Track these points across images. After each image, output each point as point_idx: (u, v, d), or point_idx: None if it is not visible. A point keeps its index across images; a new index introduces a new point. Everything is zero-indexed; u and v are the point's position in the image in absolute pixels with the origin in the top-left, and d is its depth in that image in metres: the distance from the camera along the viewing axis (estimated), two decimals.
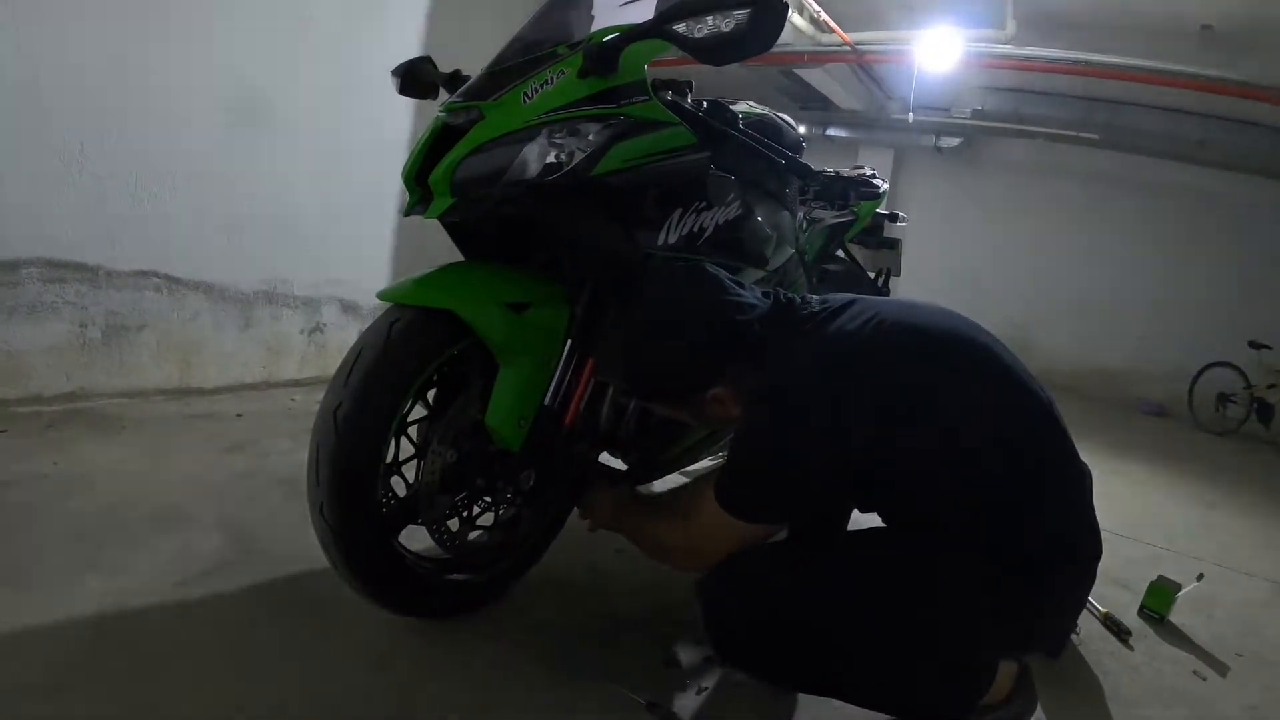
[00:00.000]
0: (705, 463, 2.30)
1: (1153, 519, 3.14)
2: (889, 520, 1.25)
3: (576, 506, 1.55)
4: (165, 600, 1.39)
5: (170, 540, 1.62)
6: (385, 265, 3.49)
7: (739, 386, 1.22)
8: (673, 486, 1.81)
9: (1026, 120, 7.17)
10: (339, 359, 1.26)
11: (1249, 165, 6.56)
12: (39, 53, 2.18)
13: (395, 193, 3.39)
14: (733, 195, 1.55)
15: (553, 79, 1.26)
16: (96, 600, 1.35)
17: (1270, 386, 6.48)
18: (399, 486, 1.39)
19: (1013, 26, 5.24)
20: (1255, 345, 6.62)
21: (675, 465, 1.84)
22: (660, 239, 1.39)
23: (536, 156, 1.21)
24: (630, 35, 1.24)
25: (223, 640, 1.31)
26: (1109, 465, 4.14)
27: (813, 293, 1.45)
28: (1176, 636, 1.93)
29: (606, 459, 1.67)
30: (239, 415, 2.58)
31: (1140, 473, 4.22)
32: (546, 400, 1.35)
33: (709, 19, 1.15)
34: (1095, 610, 1.93)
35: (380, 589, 1.32)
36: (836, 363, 1.16)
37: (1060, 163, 7.81)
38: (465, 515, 1.43)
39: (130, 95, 2.41)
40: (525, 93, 1.25)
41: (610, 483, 1.55)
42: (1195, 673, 1.75)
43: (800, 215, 2.09)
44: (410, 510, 1.35)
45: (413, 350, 1.24)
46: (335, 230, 3.24)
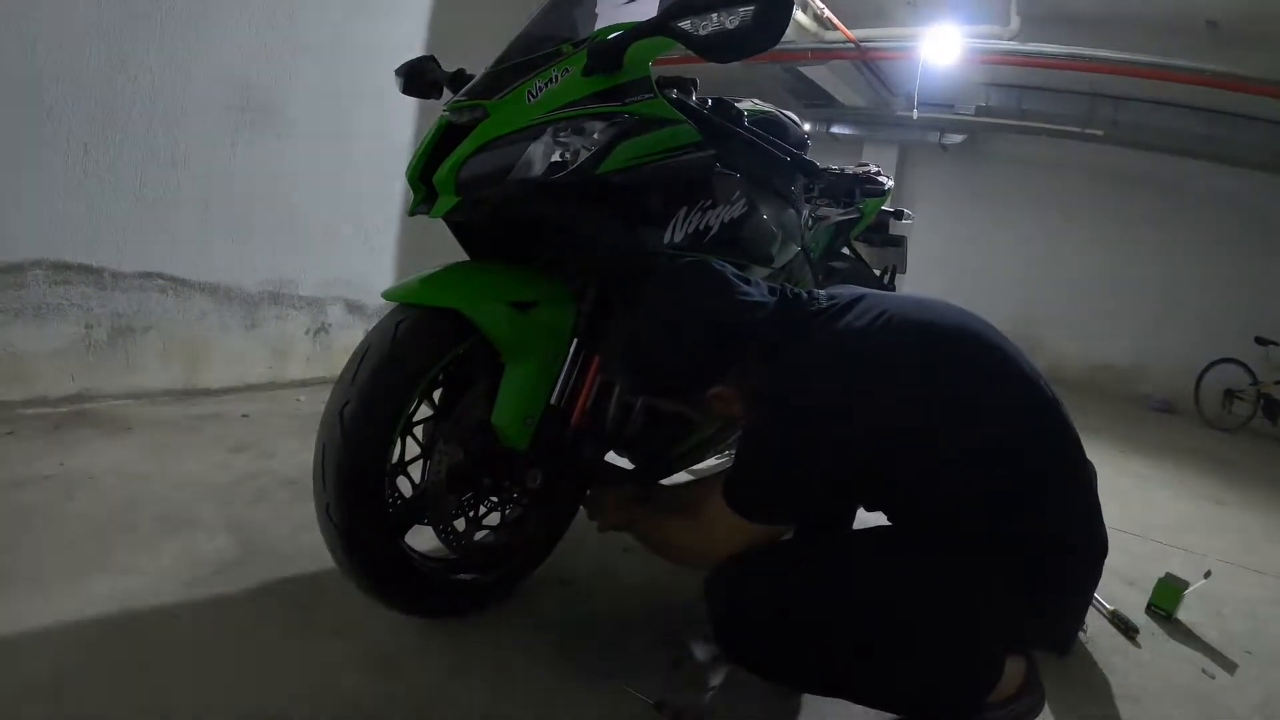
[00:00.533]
0: (712, 461, 2.30)
1: (1160, 516, 3.13)
2: (895, 519, 1.25)
3: (583, 506, 1.55)
4: (172, 601, 1.39)
5: (176, 541, 1.62)
6: (390, 265, 3.49)
7: (744, 384, 1.22)
8: (680, 485, 1.80)
9: (1031, 116, 7.17)
10: (344, 359, 1.26)
11: (1255, 161, 6.55)
12: (42, 53, 2.18)
13: (400, 192, 3.39)
14: (738, 193, 1.54)
15: (557, 77, 1.26)
16: (103, 601, 1.35)
17: (1277, 383, 6.46)
18: (405, 486, 1.39)
19: (1017, 22, 5.23)
20: (1262, 341, 6.60)
21: (682, 464, 1.84)
22: (666, 237, 1.39)
23: (541, 155, 1.20)
24: (635, 33, 1.23)
25: (229, 641, 1.31)
26: (1116, 462, 4.13)
27: (821, 289, 1.45)
28: (1184, 634, 1.92)
29: (613, 458, 1.67)
30: (245, 416, 2.58)
31: (1147, 469, 4.20)
32: (553, 399, 1.35)
33: (714, 16, 1.15)
34: (1103, 608, 1.93)
35: (387, 589, 1.32)
36: (844, 361, 1.15)
37: (1065, 159, 7.79)
38: (472, 515, 1.43)
39: (134, 96, 2.42)
40: (530, 91, 1.25)
41: (617, 482, 1.55)
42: (1203, 670, 1.74)
43: (806, 213, 2.08)
44: (417, 510, 1.35)
45: (419, 350, 1.23)
46: (340, 230, 3.24)
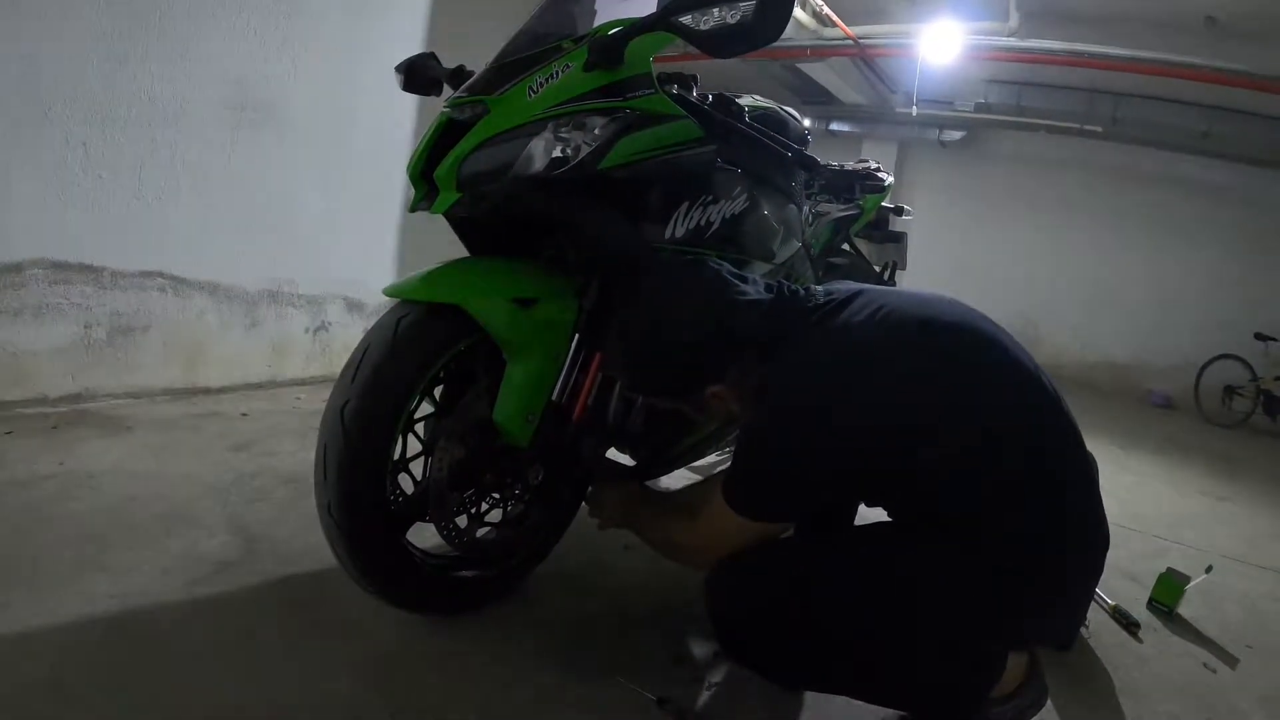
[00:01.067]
0: (713, 457, 2.30)
1: (1161, 511, 3.13)
2: (895, 515, 1.24)
3: (585, 503, 1.55)
4: (172, 600, 1.39)
5: (177, 540, 1.62)
6: (390, 262, 3.48)
7: (742, 383, 1.22)
8: (682, 483, 1.80)
9: (1030, 113, 7.18)
10: (344, 358, 1.26)
11: (1254, 157, 6.56)
12: (41, 53, 2.18)
13: (400, 189, 3.38)
14: (739, 189, 1.54)
15: (558, 73, 1.26)
16: (103, 601, 1.35)
17: (1277, 379, 6.47)
18: (407, 484, 1.39)
19: (1016, 19, 5.23)
20: (1261, 337, 6.62)
21: (683, 460, 1.84)
22: (667, 233, 1.39)
23: (542, 151, 1.20)
24: (635, 28, 1.23)
25: (230, 640, 1.30)
26: (1117, 458, 4.14)
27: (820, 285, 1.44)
28: (1186, 629, 1.93)
29: (614, 454, 1.67)
30: (245, 415, 2.58)
31: (1148, 465, 4.21)
32: (554, 396, 1.34)
33: (715, 11, 1.15)
34: (1104, 603, 1.93)
35: (388, 586, 1.31)
36: (842, 357, 1.15)
37: (1064, 155, 7.80)
38: (473, 512, 1.43)
39: (133, 95, 2.41)
40: (530, 87, 1.25)
41: (618, 479, 1.55)
42: (1205, 665, 1.74)
43: (806, 208, 2.08)
44: (418, 507, 1.35)
45: (420, 346, 1.23)
46: (340, 228, 3.23)
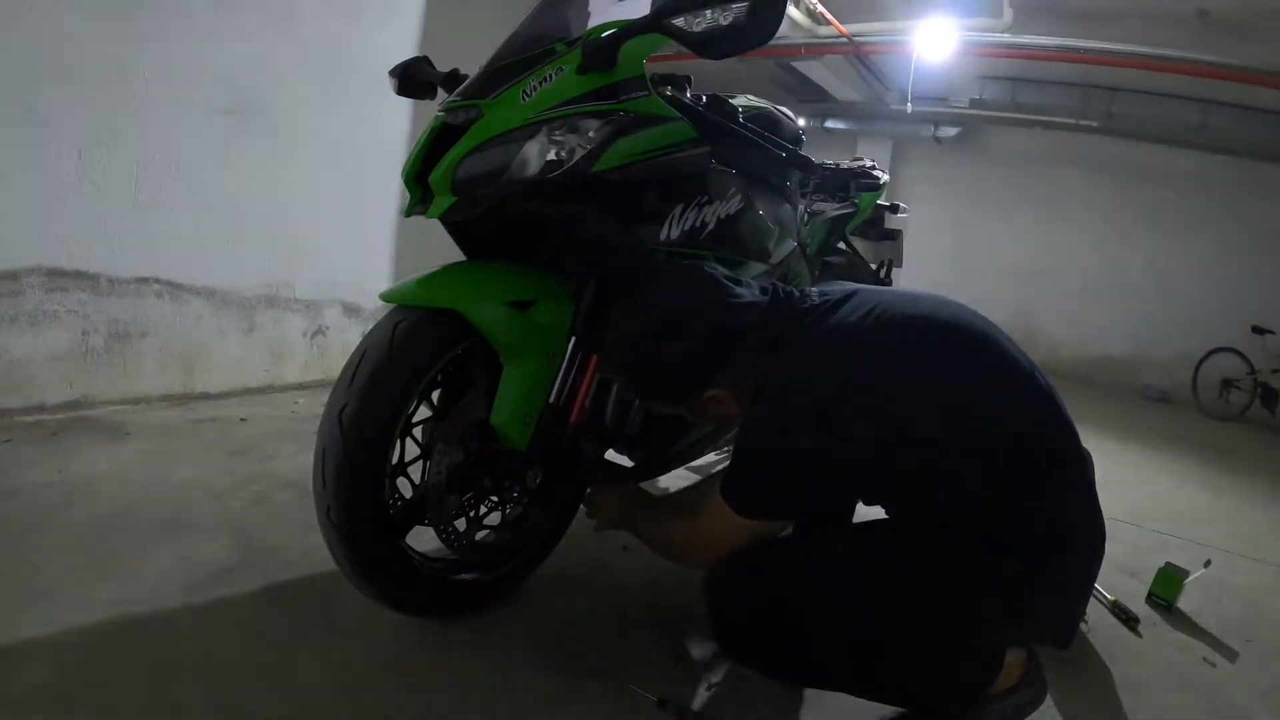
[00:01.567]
0: (711, 457, 2.30)
1: (1159, 506, 3.13)
2: (892, 513, 1.25)
3: (583, 504, 1.55)
4: (173, 606, 1.39)
5: (177, 546, 1.62)
6: (386, 266, 3.48)
7: (738, 386, 1.22)
8: (681, 483, 1.80)
9: (1025, 109, 7.17)
10: (342, 362, 1.26)
11: (1249, 150, 6.55)
12: (36, 60, 2.18)
13: (395, 194, 3.38)
14: (734, 189, 1.54)
15: (551, 76, 1.26)
16: (105, 608, 1.35)
17: (1274, 371, 6.46)
18: (405, 488, 1.39)
19: (1010, 14, 5.22)
20: (1258, 330, 6.61)
21: (681, 461, 1.84)
22: (663, 234, 1.39)
23: (537, 154, 1.20)
24: (628, 30, 1.23)
25: (231, 646, 1.30)
26: (1114, 452, 4.14)
27: (815, 285, 1.45)
28: (1185, 623, 1.93)
29: (612, 455, 1.67)
30: (243, 420, 2.58)
31: (1145, 459, 4.21)
32: (551, 398, 1.35)
33: (707, 13, 1.15)
34: (1103, 598, 1.93)
35: (388, 590, 1.32)
36: (837, 357, 1.15)
37: (1059, 150, 7.80)
38: (472, 515, 1.43)
39: (127, 101, 2.41)
40: (524, 90, 1.25)
41: (617, 480, 1.55)
42: (1205, 659, 1.75)
43: (801, 208, 2.08)
44: (417, 511, 1.35)
45: (417, 350, 1.23)
46: (336, 233, 3.23)
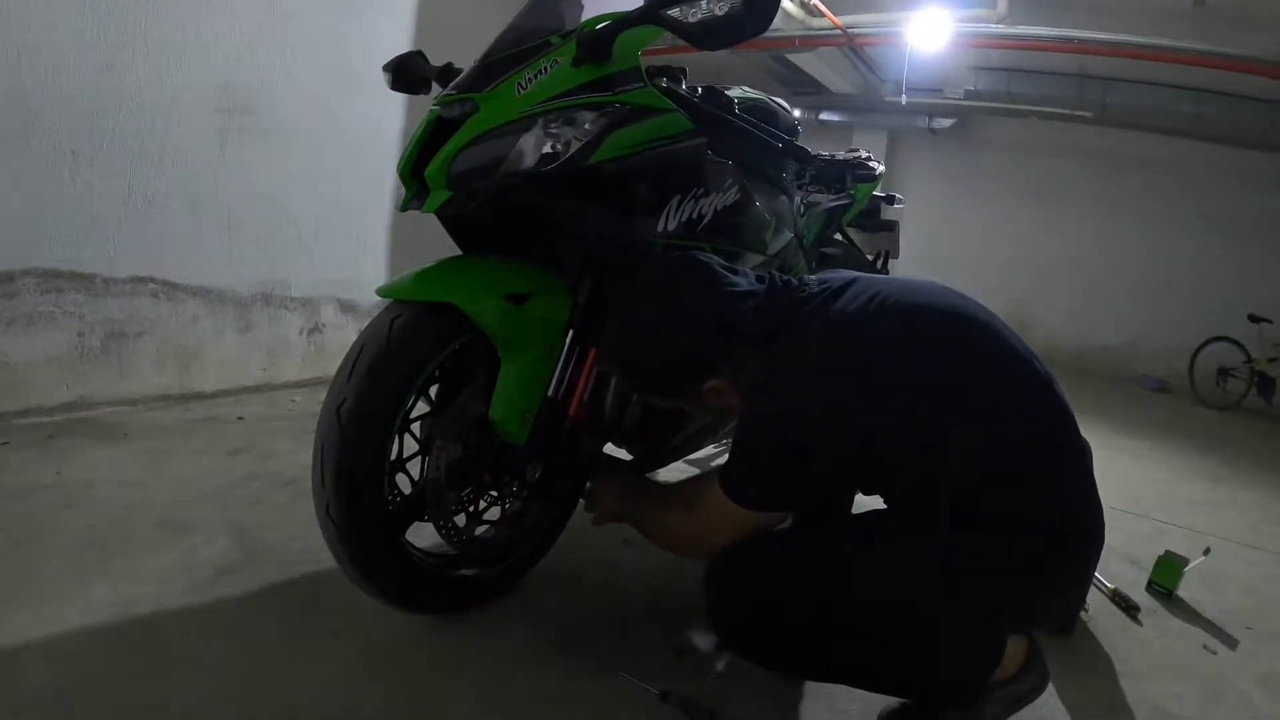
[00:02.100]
0: (710, 450, 2.30)
1: (1158, 494, 3.14)
2: (892, 502, 1.24)
3: (582, 498, 1.55)
4: (173, 606, 1.39)
5: (176, 546, 1.62)
6: (382, 262, 3.47)
7: (738, 376, 1.21)
8: (680, 477, 1.80)
9: (1019, 99, 7.17)
10: (338, 359, 1.25)
11: (1244, 139, 6.56)
12: (28, 60, 2.16)
13: (390, 189, 3.38)
14: (730, 180, 1.54)
15: (546, 68, 1.25)
16: (105, 609, 1.35)
17: (1271, 360, 6.49)
18: (404, 484, 1.39)
19: (1004, 5, 5.22)
20: (1255, 319, 6.63)
21: (680, 453, 1.84)
22: (659, 226, 1.38)
23: (533, 147, 1.20)
24: (623, 22, 1.23)
25: (232, 645, 1.30)
26: (1113, 442, 4.15)
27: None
28: (1185, 611, 1.94)
29: (611, 449, 1.67)
30: (240, 418, 2.57)
31: (1144, 449, 4.23)
32: (550, 392, 1.34)
33: (703, 3, 1.14)
34: (1103, 587, 1.94)
35: (388, 587, 1.31)
36: (837, 347, 1.15)
37: (1055, 141, 7.81)
38: (472, 510, 1.43)
39: (121, 100, 2.40)
40: (519, 83, 1.24)
41: (616, 473, 1.55)
42: (1205, 647, 1.75)
43: (798, 199, 2.08)
44: (416, 507, 1.35)
45: (414, 346, 1.23)
46: (331, 229, 3.22)
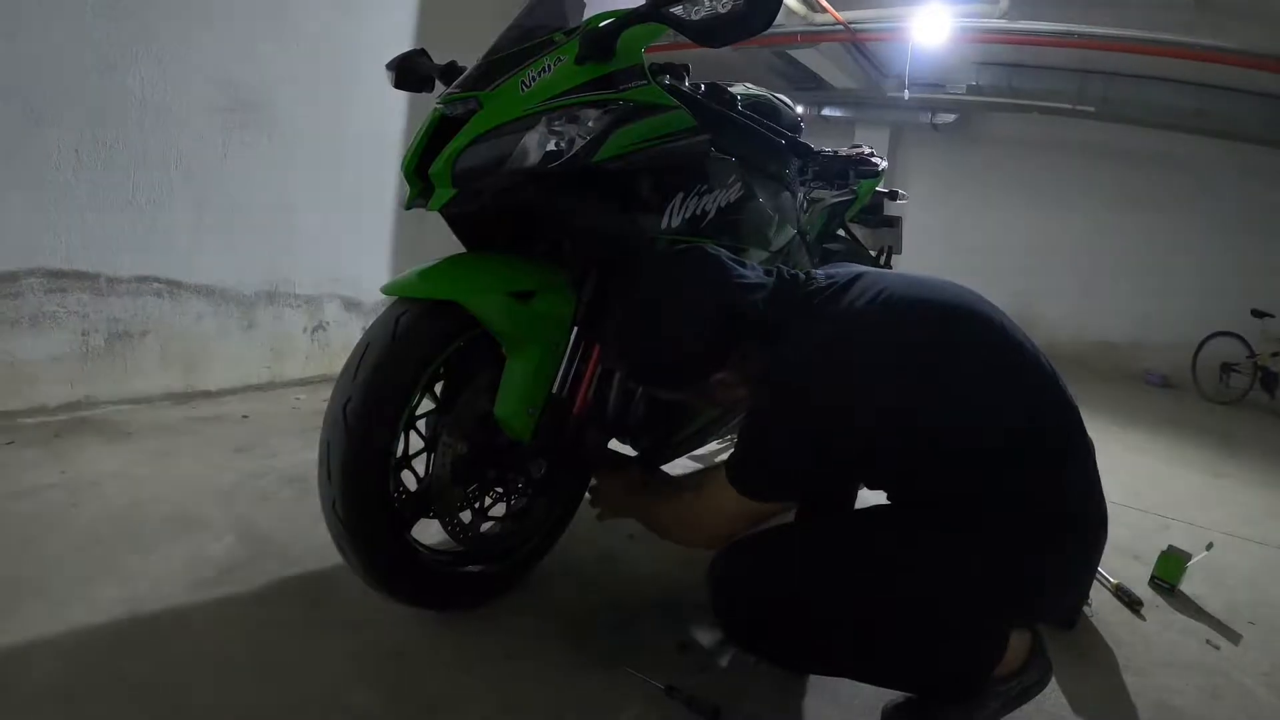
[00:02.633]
0: (713, 445, 2.30)
1: (1161, 490, 3.15)
2: (895, 497, 1.25)
3: (588, 493, 1.55)
4: (180, 604, 1.40)
5: (182, 544, 1.62)
6: (386, 261, 3.47)
7: (745, 368, 1.22)
8: (683, 472, 1.80)
9: (1022, 94, 7.15)
10: (343, 357, 1.26)
11: (1247, 134, 6.54)
12: (30, 60, 2.16)
13: (394, 187, 3.38)
14: (734, 177, 1.54)
15: (550, 66, 1.25)
16: (112, 607, 1.35)
17: (1274, 355, 6.48)
18: (410, 480, 1.39)
19: (1005, 1, 5.20)
20: (1258, 314, 6.62)
21: (684, 449, 1.84)
22: (663, 223, 1.38)
23: (537, 144, 1.20)
24: (627, 19, 1.23)
25: (240, 642, 1.31)
26: (1116, 437, 4.15)
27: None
28: (1188, 606, 1.94)
29: (615, 445, 1.68)
30: (245, 416, 2.58)
31: (1147, 444, 4.23)
32: (554, 389, 1.35)
33: (706, 1, 1.14)
34: (1106, 581, 1.94)
35: (395, 583, 1.32)
36: (844, 342, 1.15)
37: (1057, 136, 7.79)
38: (477, 507, 1.43)
39: (124, 100, 2.40)
40: (523, 81, 1.24)
41: (620, 469, 1.55)
42: (1208, 641, 1.76)
43: (801, 195, 2.08)
44: (422, 504, 1.35)
45: (419, 343, 1.23)
46: (335, 227, 3.22)
